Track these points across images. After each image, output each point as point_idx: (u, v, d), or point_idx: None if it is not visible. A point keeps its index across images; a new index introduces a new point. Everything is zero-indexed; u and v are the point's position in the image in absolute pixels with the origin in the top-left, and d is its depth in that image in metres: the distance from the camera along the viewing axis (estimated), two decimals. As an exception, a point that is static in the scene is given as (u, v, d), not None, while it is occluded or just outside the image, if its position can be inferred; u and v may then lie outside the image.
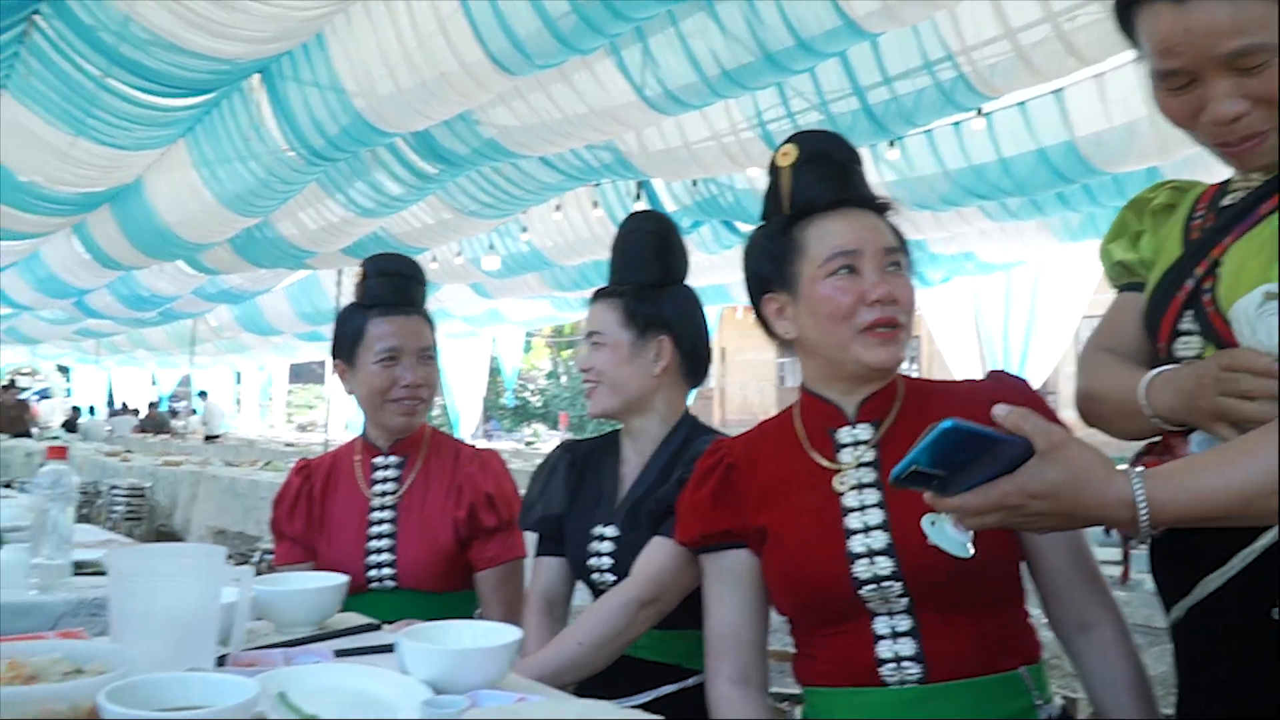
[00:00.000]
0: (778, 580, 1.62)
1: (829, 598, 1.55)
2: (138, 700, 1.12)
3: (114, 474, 9.53)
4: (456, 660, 1.38)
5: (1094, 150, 6.57)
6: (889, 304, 1.54)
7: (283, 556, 2.38)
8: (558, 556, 2.13)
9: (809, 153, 1.63)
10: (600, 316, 2.07)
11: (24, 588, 2.03)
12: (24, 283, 12.67)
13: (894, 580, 1.51)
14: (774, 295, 1.64)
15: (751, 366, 25.72)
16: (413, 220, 9.20)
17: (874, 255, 1.56)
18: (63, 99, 6.49)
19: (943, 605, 1.51)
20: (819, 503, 1.59)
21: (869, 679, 1.52)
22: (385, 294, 2.33)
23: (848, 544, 1.54)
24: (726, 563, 1.67)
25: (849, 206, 1.60)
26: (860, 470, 1.59)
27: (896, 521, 1.53)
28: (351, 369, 2.34)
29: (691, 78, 5.47)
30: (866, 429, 1.61)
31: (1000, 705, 1.50)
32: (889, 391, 1.63)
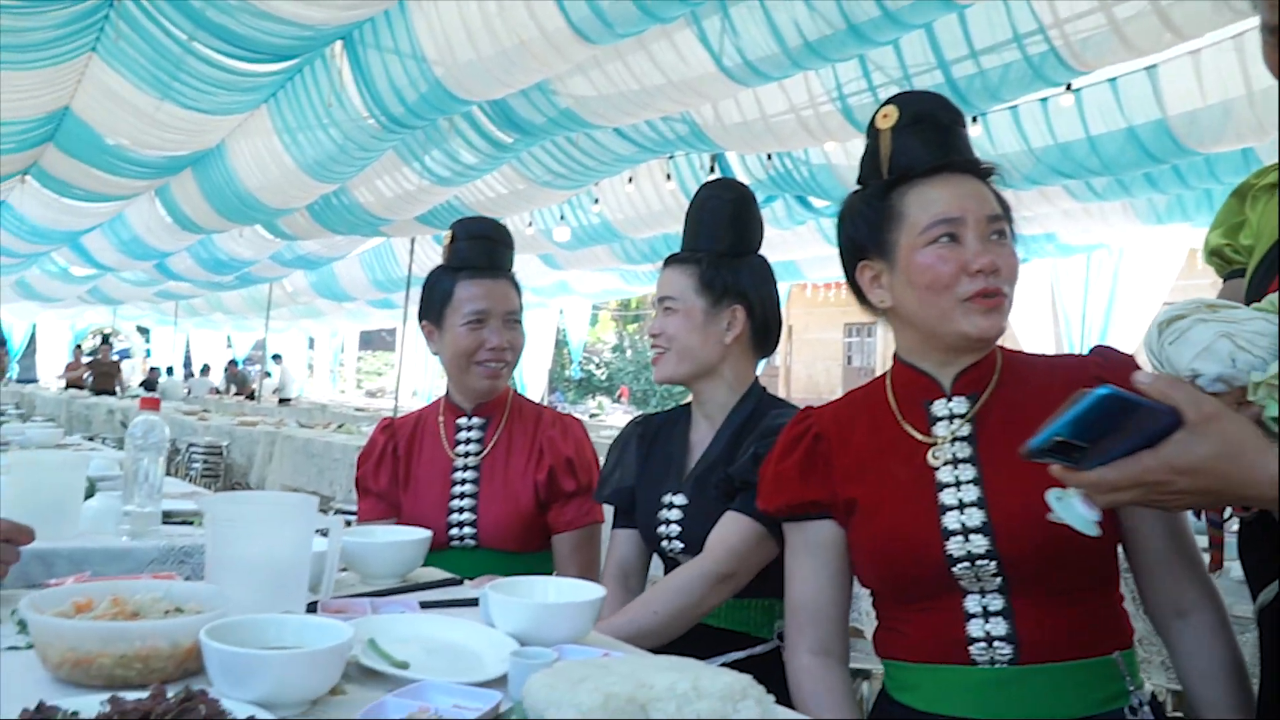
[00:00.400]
0: (866, 554, 1.59)
1: (920, 574, 1.52)
2: (237, 639, 1.14)
3: (191, 432, 9.75)
4: (543, 614, 1.39)
5: (1186, 129, 6.37)
6: (991, 274, 1.49)
7: (366, 512, 2.41)
8: (632, 528, 2.14)
9: (911, 115, 1.58)
10: (674, 282, 2.06)
11: (115, 534, 2.09)
12: (108, 244, 12.99)
13: (989, 560, 1.47)
14: (869, 263, 1.60)
15: (818, 345, 25.55)
16: (486, 190, 9.25)
17: (977, 223, 1.51)
18: (150, 63, 6.62)
19: (1038, 587, 1.47)
20: (912, 476, 1.55)
21: (958, 657, 1.49)
22: (474, 257, 2.35)
23: (942, 520, 1.50)
24: (811, 533, 1.65)
25: (951, 171, 1.55)
26: (956, 444, 1.54)
27: (993, 499, 1.49)
28: (439, 330, 2.36)
29: (772, 48, 5.40)
30: (962, 402, 1.56)
31: (1092, 690, 1.46)
32: (987, 363, 1.58)
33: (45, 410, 13.96)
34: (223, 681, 1.09)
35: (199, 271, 14.89)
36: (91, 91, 7.43)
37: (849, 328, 24.91)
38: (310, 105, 7.30)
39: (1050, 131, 6.84)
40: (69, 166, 8.97)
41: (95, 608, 1.24)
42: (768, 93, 6.63)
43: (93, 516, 2.15)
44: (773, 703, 1.06)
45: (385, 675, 1.24)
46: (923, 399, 1.59)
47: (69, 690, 1.14)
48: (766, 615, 1.97)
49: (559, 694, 1.01)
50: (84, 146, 8.40)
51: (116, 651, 1.14)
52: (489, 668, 1.28)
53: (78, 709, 1.00)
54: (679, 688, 1.01)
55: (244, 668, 1.08)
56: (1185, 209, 8.50)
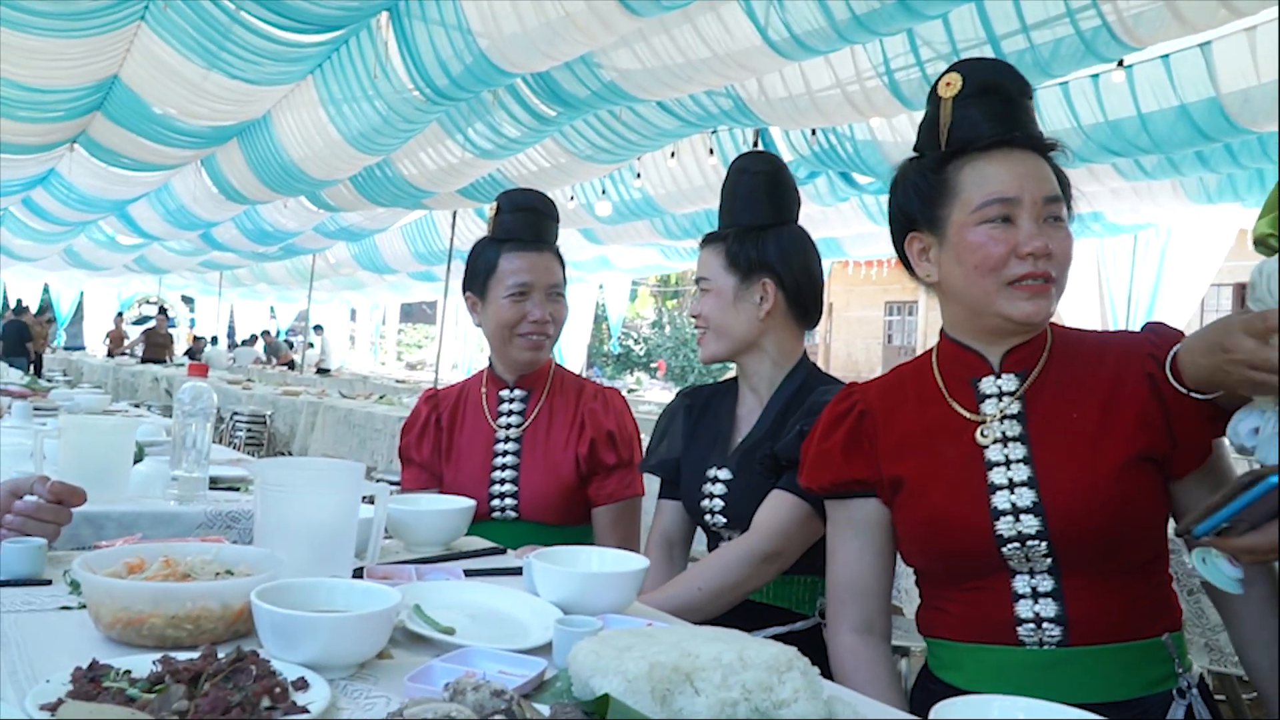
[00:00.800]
0: (913, 534, 1.57)
1: (968, 554, 1.50)
2: (287, 601, 1.16)
3: (235, 401, 9.88)
4: (587, 584, 1.40)
5: (1239, 108, 6.23)
6: (1043, 258, 1.45)
7: (410, 482, 2.43)
8: (678, 499, 2.14)
9: (976, 84, 1.52)
10: (707, 262, 2.06)
11: (164, 498, 2.12)
12: (154, 213, 13.15)
13: (1039, 540, 1.45)
14: (919, 235, 1.57)
15: (859, 323, 25.38)
16: (529, 163, 9.25)
17: (1033, 205, 1.47)
18: (198, 32, 6.68)
19: (1089, 567, 1.45)
20: (961, 456, 1.53)
21: (1005, 637, 1.47)
22: (519, 229, 2.35)
23: (991, 500, 1.48)
24: (854, 511, 1.63)
25: (1012, 147, 1.50)
26: (1005, 423, 1.52)
27: (1044, 479, 1.47)
28: (482, 302, 2.36)
29: (819, 22, 5.33)
30: (1012, 380, 1.54)
31: (1141, 672, 1.45)
32: (1037, 341, 1.55)
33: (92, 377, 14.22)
34: (273, 643, 1.11)
35: (243, 242, 15.04)
36: (140, 60, 7.50)
37: (890, 306, 24.71)
38: (355, 77, 7.33)
39: (1101, 108, 6.72)
40: (117, 135, 9.08)
41: (147, 569, 1.26)
42: (813, 67, 6.56)
43: (141, 480, 2.18)
44: (818, 675, 1.05)
45: (431, 640, 1.25)
46: (970, 376, 1.57)
47: (121, 650, 1.16)
48: (810, 592, 1.97)
49: (605, 662, 1.01)
50: (132, 115, 8.49)
51: (168, 612, 1.16)
52: (533, 635, 1.29)
53: (130, 668, 1.02)
54: (724, 658, 1.01)
55: (294, 630, 1.09)
56: (1236, 188, 8.34)
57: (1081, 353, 1.55)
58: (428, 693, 1.03)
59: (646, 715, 0.97)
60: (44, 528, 1.48)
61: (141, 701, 0.95)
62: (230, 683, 1.00)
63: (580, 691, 1.04)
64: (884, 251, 13.45)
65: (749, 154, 2.18)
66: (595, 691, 1.00)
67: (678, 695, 0.99)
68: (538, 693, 1.11)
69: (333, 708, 1.03)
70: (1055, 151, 1.55)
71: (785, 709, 1.01)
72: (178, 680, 1.00)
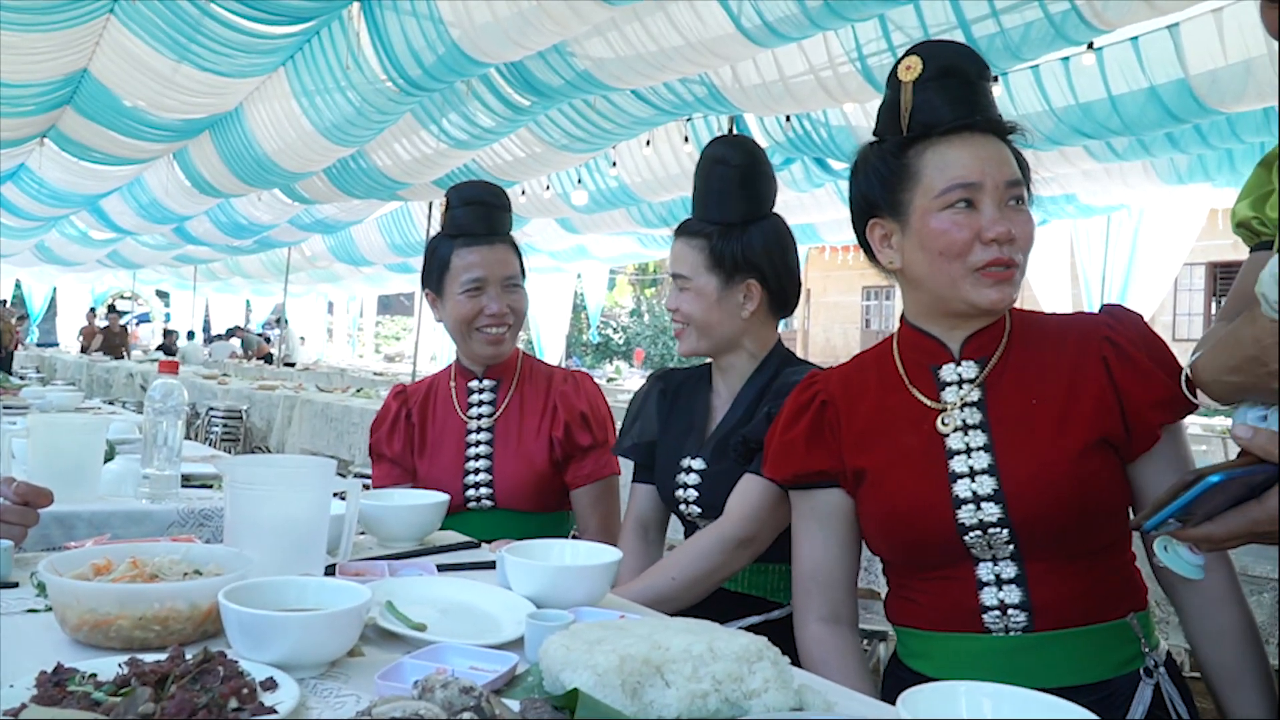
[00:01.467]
0: (876, 523, 1.57)
1: (931, 543, 1.50)
2: (255, 600, 1.15)
3: (211, 396, 9.82)
4: (559, 577, 1.40)
5: (1208, 89, 6.27)
6: (1007, 244, 1.45)
7: (381, 478, 2.42)
8: (652, 484, 2.13)
9: (936, 68, 1.50)
10: (685, 257, 2.01)
11: (135, 497, 2.11)
12: (127, 207, 13.04)
13: (1001, 527, 1.45)
14: (880, 221, 1.55)
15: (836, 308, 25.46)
16: (504, 153, 9.22)
17: (995, 189, 1.46)
18: (167, 24, 6.62)
19: (1051, 553, 1.45)
20: (922, 444, 1.52)
21: (971, 625, 1.48)
22: (470, 223, 2.33)
23: (953, 489, 1.48)
24: (818, 502, 1.63)
25: (973, 131, 1.49)
26: (965, 410, 1.52)
27: (1005, 466, 1.46)
28: (440, 298, 2.36)
29: (791, 9, 5.34)
30: (971, 366, 1.53)
31: (1109, 654, 1.46)
32: (996, 327, 1.54)
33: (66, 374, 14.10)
34: (241, 643, 1.10)
35: (217, 235, 14.94)
36: (109, 54, 7.43)
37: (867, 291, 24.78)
38: (328, 68, 7.28)
39: (1071, 91, 6.75)
40: (87, 129, 8.99)
41: (114, 570, 1.25)
42: (786, 54, 6.56)
43: (112, 479, 2.17)
44: (788, 664, 1.06)
45: (403, 637, 1.25)
46: (930, 363, 1.56)
47: (88, 652, 1.15)
48: (784, 580, 1.96)
49: (575, 655, 1.01)
50: (102, 109, 8.41)
51: (135, 613, 1.15)
52: (506, 630, 1.29)
53: (96, 671, 1.01)
54: (694, 650, 1.01)
55: (262, 629, 1.09)
56: (1206, 169, 8.40)
57: (1040, 337, 1.54)
58: (398, 690, 1.03)
59: (616, 709, 0.97)
60: (9, 530, 1.47)
61: (107, 705, 0.94)
62: (197, 684, 0.99)
63: (551, 686, 1.04)
64: (861, 236, 13.48)
65: (724, 141, 2.09)
66: (565, 686, 0.99)
67: (648, 688, 0.99)
68: (509, 688, 1.11)
69: (302, 707, 1.02)
70: (1015, 134, 1.54)
71: (756, 699, 1.01)
72: (144, 683, 0.99)
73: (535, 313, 18.46)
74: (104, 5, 6.64)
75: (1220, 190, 9.06)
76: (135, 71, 7.47)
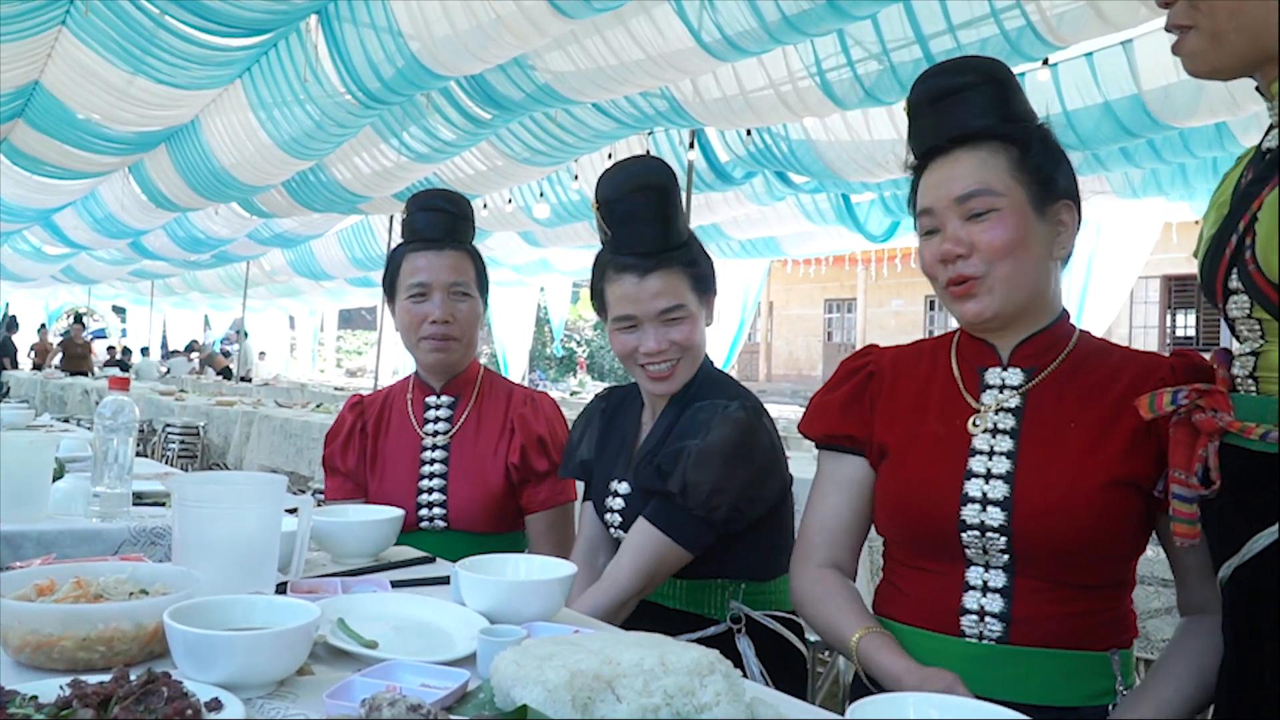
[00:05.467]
0: (886, 499, 1.59)
1: (929, 531, 1.51)
2: (202, 620, 1.13)
3: (168, 413, 9.69)
4: (513, 592, 1.39)
5: (1161, 104, 6.38)
6: (960, 260, 1.48)
7: (334, 491, 2.39)
8: None
9: (925, 94, 1.56)
10: (676, 288, 1.91)
11: (85, 515, 2.07)
12: (81, 222, 12.86)
13: (1000, 535, 1.46)
14: None
15: (798, 321, 25.59)
16: (465, 166, 9.19)
17: (946, 211, 1.50)
18: (121, 36, 6.54)
19: (1044, 575, 1.45)
20: (949, 435, 1.54)
21: (948, 626, 1.49)
22: (424, 228, 2.31)
23: (965, 485, 1.49)
24: (843, 465, 1.66)
25: (941, 153, 1.53)
26: (1000, 415, 1.52)
27: (1022, 477, 1.47)
28: (393, 305, 2.34)
29: (750, 23, 5.37)
30: (1017, 374, 1.54)
31: (1081, 682, 1.45)
32: (1054, 340, 1.54)
33: (19, 391, 13.85)
34: (187, 663, 1.08)
35: (174, 250, 14.76)
36: (62, 66, 7.34)
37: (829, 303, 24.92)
38: (285, 80, 7.23)
39: (1028, 106, 6.82)
40: (40, 142, 8.86)
41: (57, 590, 1.23)
42: (746, 68, 6.60)
43: (62, 498, 2.13)
44: (740, 678, 1.06)
45: (354, 655, 1.23)
46: (979, 364, 1.58)
47: (30, 674, 1.13)
48: (720, 595, 1.95)
49: (526, 672, 1.01)
50: (55, 122, 8.30)
51: (79, 634, 1.13)
52: (459, 646, 1.28)
53: (37, 693, 0.99)
54: (646, 664, 1.01)
55: (208, 649, 1.07)
56: (1160, 183, 8.53)
57: (1100, 363, 1.53)
58: (346, 709, 1.02)
59: (567, 724, 0.96)
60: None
61: (46, 728, 0.93)
62: (141, 705, 0.97)
63: (502, 702, 1.03)
64: (822, 250, 13.56)
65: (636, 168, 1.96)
66: (516, 702, 0.99)
67: (599, 703, 0.99)
68: (460, 705, 1.09)
69: (248, 727, 1.01)
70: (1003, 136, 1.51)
71: (707, 712, 1.01)
72: (86, 704, 0.97)
73: (499, 326, 18.42)
74: (56, 17, 6.56)
75: (1174, 204, 9.21)
76: (88, 83, 7.38)
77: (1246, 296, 1.26)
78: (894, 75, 5.91)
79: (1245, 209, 1.26)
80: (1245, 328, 1.28)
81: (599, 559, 2.10)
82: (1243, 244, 1.25)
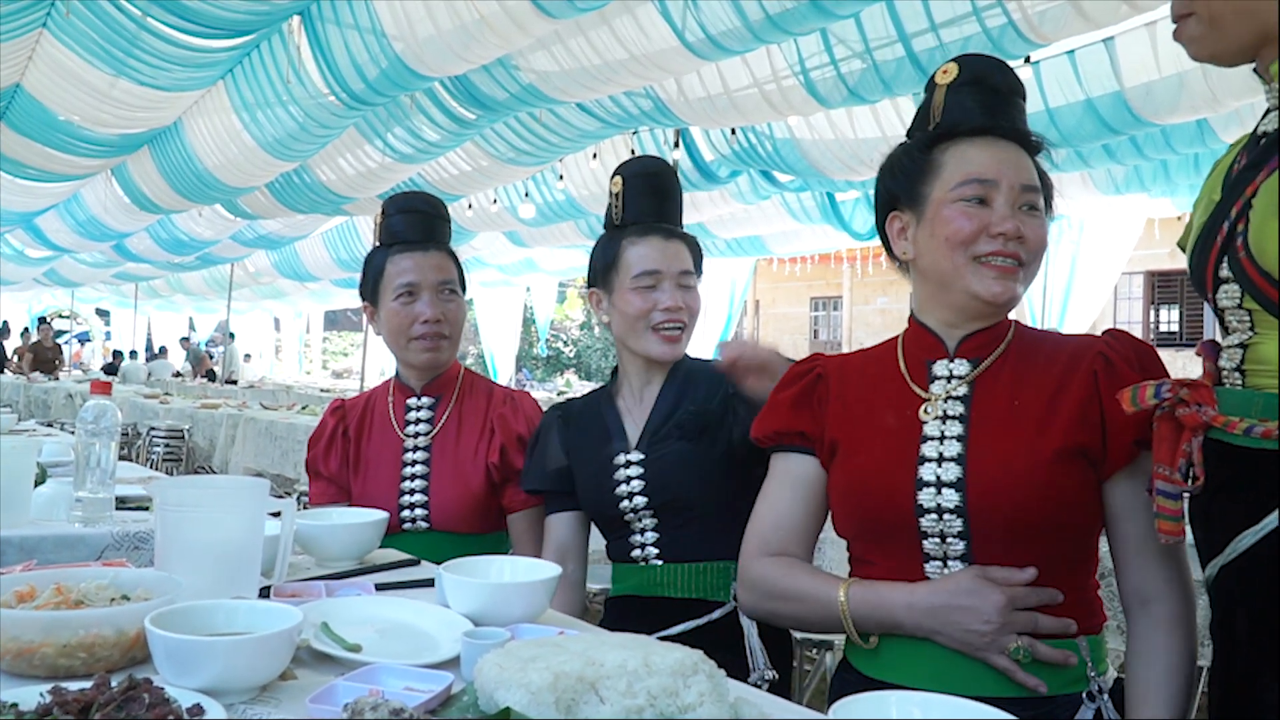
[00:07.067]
0: (840, 492, 1.60)
1: (886, 520, 1.52)
2: (184, 625, 1.13)
3: (153, 416, 9.65)
4: (497, 594, 1.39)
5: (1142, 101, 6.40)
6: (1013, 239, 1.50)
7: (318, 496, 2.39)
8: (567, 511, 2.13)
9: (970, 74, 1.58)
10: (684, 256, 2.08)
11: (68, 520, 2.06)
12: (64, 225, 12.79)
13: (956, 516, 1.47)
14: (899, 214, 1.61)
15: (784, 319, 25.60)
16: (450, 167, 9.17)
17: (1009, 190, 1.51)
18: (103, 38, 6.50)
19: (1001, 559, 1.46)
20: (899, 425, 1.56)
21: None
22: (404, 230, 2.32)
23: (919, 470, 1.51)
24: (793, 465, 1.66)
25: (996, 136, 1.55)
26: (949, 403, 1.55)
27: (974, 460, 1.48)
28: (376, 309, 2.34)
29: (734, 22, 5.37)
30: (964, 364, 1.57)
31: (1052, 671, 1.45)
32: (996, 331, 1.58)
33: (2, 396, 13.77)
34: (168, 669, 1.08)
35: (158, 252, 14.69)
36: (43, 68, 7.29)
37: (815, 301, 24.94)
38: (269, 82, 7.20)
39: (1010, 104, 6.84)
40: (21, 145, 8.80)
41: (37, 597, 1.22)
42: (730, 67, 6.60)
43: (44, 503, 2.12)
44: (724, 678, 1.06)
45: (337, 659, 1.23)
46: (926, 358, 1.60)
47: (10, 681, 1.12)
48: (722, 578, 1.97)
49: (509, 674, 1.00)
50: (36, 124, 8.25)
51: (59, 641, 1.13)
52: (443, 649, 1.28)
53: (17, 700, 0.98)
54: (629, 665, 1.01)
55: (189, 655, 1.07)
56: (1142, 179, 8.57)
57: (1037, 350, 1.57)
58: (328, 713, 1.01)
59: (550, 727, 0.96)
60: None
61: (26, 736, 0.92)
62: (122, 712, 0.97)
63: (486, 705, 1.03)
64: (808, 248, 13.57)
65: (645, 157, 2.27)
66: (499, 705, 0.99)
67: (582, 705, 0.99)
68: (443, 708, 1.09)
69: (230, 733, 1.00)
70: (1041, 152, 1.59)
71: (691, 713, 1.01)
72: (66, 711, 0.97)
73: (485, 327, 18.39)
74: (37, 19, 6.52)
75: (1156, 200, 9.25)
76: (70, 86, 7.33)
77: (1237, 286, 1.26)
78: (877, 74, 5.92)
79: (1238, 195, 1.26)
80: (1234, 318, 1.29)
81: (569, 565, 2.10)
82: (1234, 231, 1.26)
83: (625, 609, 2.03)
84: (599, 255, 2.12)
